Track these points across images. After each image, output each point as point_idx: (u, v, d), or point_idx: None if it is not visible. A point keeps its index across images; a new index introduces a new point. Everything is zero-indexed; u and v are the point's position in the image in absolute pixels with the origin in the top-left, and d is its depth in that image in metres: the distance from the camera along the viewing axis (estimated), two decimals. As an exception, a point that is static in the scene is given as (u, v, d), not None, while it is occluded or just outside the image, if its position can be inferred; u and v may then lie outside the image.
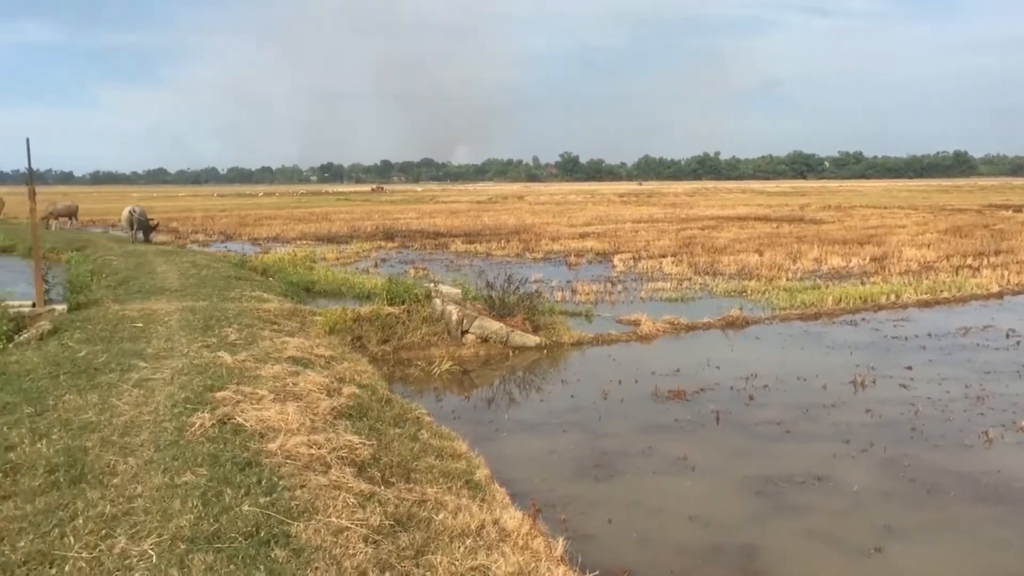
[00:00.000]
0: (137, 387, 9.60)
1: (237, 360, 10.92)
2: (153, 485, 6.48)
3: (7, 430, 7.99)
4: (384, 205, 78.77)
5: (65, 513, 5.94)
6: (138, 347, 12.00)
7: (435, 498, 6.89)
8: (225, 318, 14.43)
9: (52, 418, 8.38)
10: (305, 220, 53.44)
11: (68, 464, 6.93)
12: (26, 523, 5.79)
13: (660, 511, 8.34)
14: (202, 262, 25.42)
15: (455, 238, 38.84)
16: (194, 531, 5.65)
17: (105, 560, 5.27)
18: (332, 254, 32.25)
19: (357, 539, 5.72)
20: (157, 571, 5.12)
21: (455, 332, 16.11)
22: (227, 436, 7.70)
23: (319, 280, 23.37)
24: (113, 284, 20.41)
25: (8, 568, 5.14)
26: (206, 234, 43.68)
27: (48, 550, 5.37)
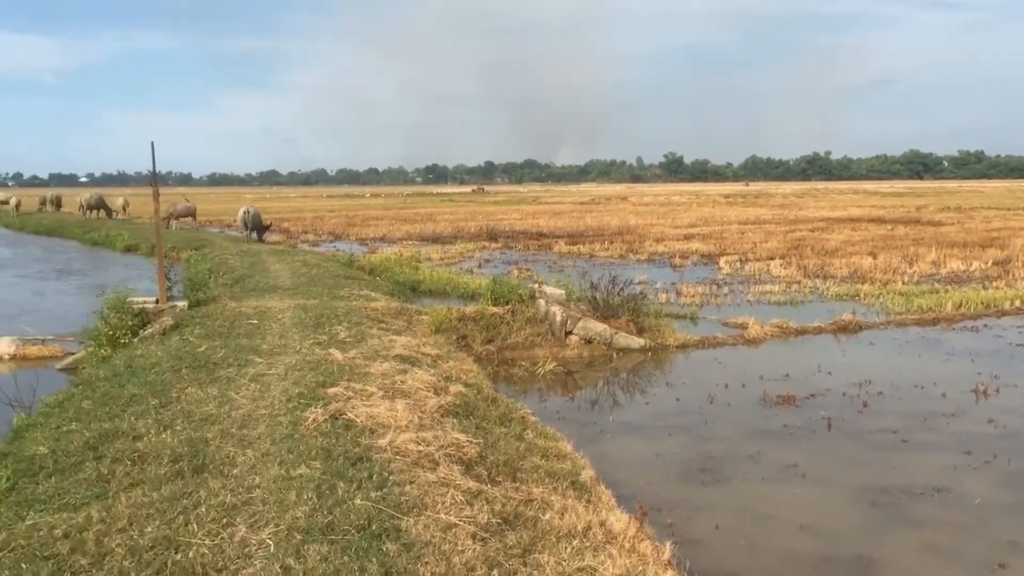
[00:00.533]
0: (253, 382, 9.94)
1: (347, 357, 11.19)
2: (270, 477, 6.70)
3: (134, 420, 8.39)
4: (487, 206, 79.43)
5: (189, 501, 6.21)
6: (254, 343, 12.42)
7: (541, 498, 6.91)
8: (335, 316, 14.80)
9: (175, 410, 8.76)
10: (410, 221, 54.35)
11: (191, 454, 7.23)
12: (153, 510, 6.07)
13: (769, 518, 8.17)
14: (312, 261, 26.13)
15: (558, 239, 38.87)
16: (309, 522, 5.82)
17: (226, 548, 5.48)
18: (437, 254, 32.71)
19: (465, 536, 5.79)
20: (275, 560, 5.29)
21: (559, 333, 16.13)
22: (339, 431, 7.90)
23: (424, 280, 23.75)
24: (230, 282, 21.18)
25: (137, 552, 5.40)
26: (316, 234, 44.86)
27: (173, 536, 5.62)
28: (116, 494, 6.41)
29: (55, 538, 5.65)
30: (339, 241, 40.97)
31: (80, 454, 7.45)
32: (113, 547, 5.48)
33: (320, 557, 5.31)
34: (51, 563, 5.29)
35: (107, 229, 46.40)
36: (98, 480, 6.77)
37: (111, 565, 5.25)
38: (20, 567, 5.25)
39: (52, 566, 5.25)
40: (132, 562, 5.27)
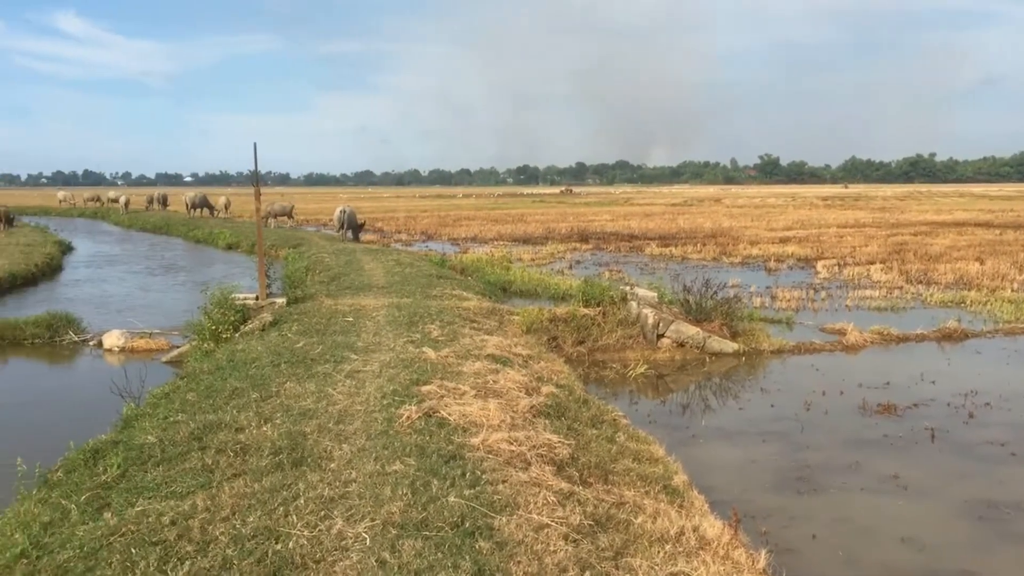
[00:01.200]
0: (349, 378, 10.14)
1: (440, 356, 11.32)
2: (366, 472, 6.83)
3: (236, 413, 8.66)
4: (578, 207, 79.27)
5: (288, 493, 6.37)
6: (349, 340, 12.67)
7: (633, 501, 6.87)
8: (428, 315, 14.98)
9: (275, 403, 9.01)
10: (501, 221, 54.62)
11: (290, 447, 7.43)
12: (254, 500, 6.26)
13: (869, 530, 7.94)
14: (406, 260, 26.51)
15: (650, 241, 38.55)
16: (404, 518, 5.91)
17: (324, 540, 5.61)
18: (528, 255, 32.80)
19: (557, 537, 5.79)
20: (371, 553, 5.39)
21: (650, 335, 15.99)
22: (432, 429, 8.00)
23: (515, 280, 23.84)
24: (326, 280, 21.65)
25: (239, 541, 5.57)
26: (408, 234, 45.49)
27: (274, 527, 5.78)
28: (220, 484, 6.63)
29: (163, 524, 5.87)
30: (431, 241, 41.45)
31: (186, 444, 7.72)
32: (217, 535, 5.66)
33: (415, 552, 5.39)
34: (159, 548, 5.50)
35: (210, 227, 47.96)
36: (203, 470, 7.00)
37: (215, 552, 5.43)
38: (130, 551, 5.48)
39: (160, 551, 5.45)
40: (235, 550, 5.44)
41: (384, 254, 29.47)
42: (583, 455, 7.90)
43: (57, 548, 5.71)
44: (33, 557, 5.60)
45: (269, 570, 5.21)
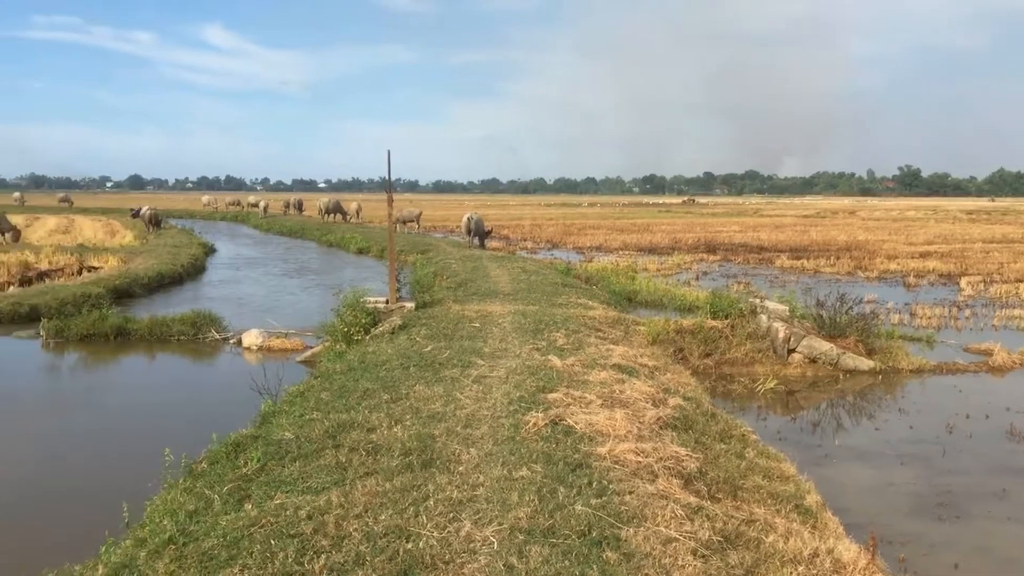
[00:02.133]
0: (476, 383, 10.28)
1: (566, 364, 11.34)
2: (493, 476, 6.90)
3: (368, 413, 8.90)
4: (705, 217, 78.05)
5: (418, 494, 6.50)
6: (476, 345, 12.83)
7: (764, 519, 6.70)
8: (553, 323, 15.03)
9: (405, 406, 9.21)
10: (627, 231, 54.30)
11: (420, 449, 7.57)
12: (386, 499, 6.41)
13: (1016, 562, 7.51)
14: (531, 268, 26.67)
15: (780, 253, 37.58)
16: (531, 524, 5.93)
17: (453, 541, 5.69)
18: (653, 265, 32.50)
19: (685, 551, 5.70)
20: (498, 558, 5.44)
21: (780, 350, 15.58)
22: (558, 436, 8.02)
23: (640, 290, 23.65)
24: (453, 286, 22.01)
25: (372, 538, 5.72)
26: (534, 241, 45.76)
27: (404, 526, 5.90)
28: (353, 482, 6.82)
29: (299, 518, 6.08)
30: (556, 249, 41.58)
31: (320, 442, 7.99)
32: (351, 531, 5.83)
33: (542, 559, 5.41)
34: (296, 541, 5.70)
35: (342, 232, 49.46)
36: (337, 467, 7.22)
37: (348, 548, 5.59)
38: (270, 542, 5.69)
39: (297, 544, 5.65)
40: (368, 547, 5.58)
41: (509, 261, 29.73)
42: (711, 470, 7.76)
43: (202, 536, 5.99)
44: (180, 543, 5.89)
45: (400, 568, 5.32)
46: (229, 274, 32.70)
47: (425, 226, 55.77)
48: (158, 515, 6.74)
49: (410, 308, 17.48)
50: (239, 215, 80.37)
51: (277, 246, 48.23)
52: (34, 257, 29.88)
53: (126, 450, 11.29)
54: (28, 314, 19.78)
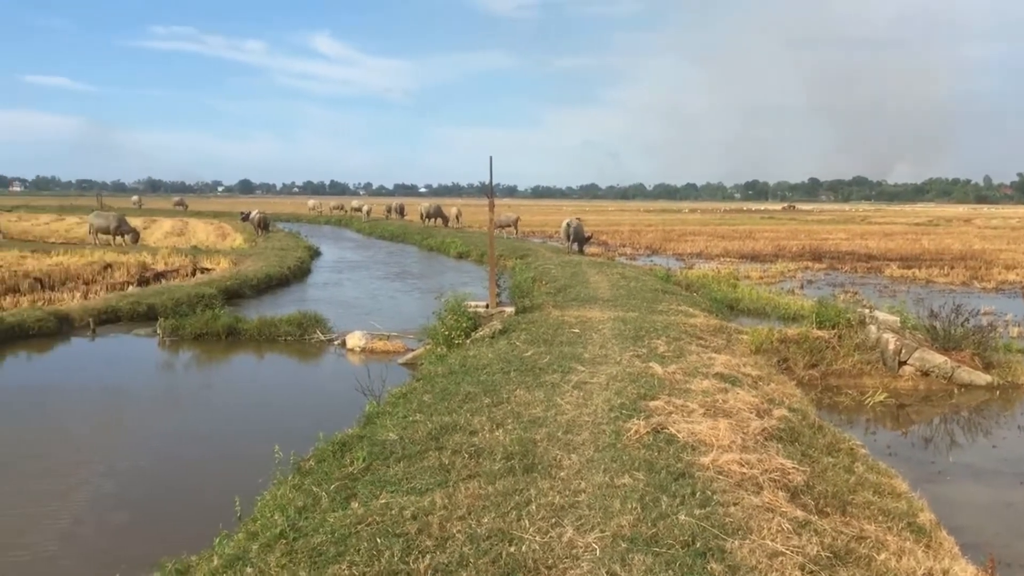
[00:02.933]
0: (577, 389, 10.27)
1: (667, 372, 11.22)
2: (595, 483, 6.88)
3: (470, 416, 8.99)
4: (810, 224, 76.14)
5: (520, 498, 6.53)
6: (576, 351, 12.82)
7: (875, 536, 6.49)
8: (654, 330, 14.90)
9: (506, 410, 9.27)
10: (728, 237, 53.43)
11: (521, 453, 7.61)
12: (488, 502, 6.47)
13: None
14: (630, 274, 26.50)
15: (889, 262, 36.37)
16: (633, 532, 5.90)
17: (555, 546, 5.70)
18: (755, 273, 31.89)
19: (793, 566, 5.57)
20: (601, 565, 5.42)
21: (890, 362, 15.07)
22: (660, 445, 7.94)
23: (743, 298, 23.25)
24: (552, 291, 22.05)
25: (475, 540, 5.78)
26: (633, 248, 45.47)
27: (507, 529, 5.95)
28: (456, 484, 6.90)
29: (404, 518, 6.19)
30: (655, 255, 41.21)
31: (424, 443, 8.11)
32: (454, 532, 5.90)
33: (645, 568, 5.37)
34: (401, 541, 5.80)
35: (442, 236, 50.10)
36: (440, 469, 7.32)
37: (452, 549, 5.66)
38: (376, 540, 5.81)
39: (402, 543, 5.75)
40: (471, 549, 5.64)
41: (609, 267, 29.61)
42: (818, 483, 7.56)
43: (311, 531, 6.16)
44: (291, 538, 6.07)
45: (503, 571, 5.36)
46: (333, 277, 33.50)
47: (524, 231, 56.00)
48: (269, 510, 6.96)
49: (510, 313, 17.58)
50: (343, 219, 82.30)
51: (379, 250, 49.17)
52: (151, 258, 31.21)
53: (236, 445, 11.69)
54: (146, 313, 20.67)
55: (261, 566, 5.68)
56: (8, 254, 32.32)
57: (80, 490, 9.62)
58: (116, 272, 27.32)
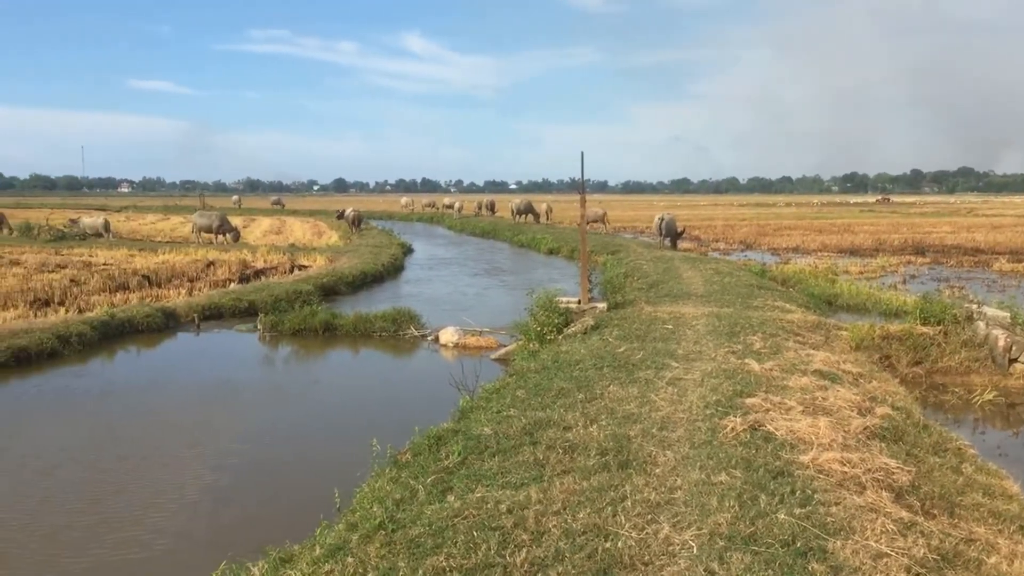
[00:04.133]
0: (671, 385, 10.17)
1: (764, 368, 11.02)
2: (691, 480, 6.81)
3: (563, 412, 9.00)
4: (912, 217, 73.61)
5: (615, 494, 6.51)
6: (669, 347, 12.70)
7: (985, 539, 6.25)
8: (749, 326, 14.64)
9: (600, 406, 9.25)
10: (826, 231, 52.08)
11: (616, 449, 7.59)
12: (583, 497, 6.47)
13: None
14: (724, 269, 26.09)
15: (998, 256, 34.90)
16: (731, 530, 5.82)
17: (651, 543, 5.67)
18: (855, 267, 31.01)
19: (898, 568, 5.41)
20: (698, 562, 5.37)
21: (1000, 360, 14.48)
22: (758, 443, 7.81)
23: (841, 293, 22.63)
24: (644, 287, 21.88)
25: (570, 535, 5.79)
26: (727, 242, 44.75)
27: (602, 525, 5.94)
28: (551, 479, 6.92)
29: (500, 512, 6.24)
30: (750, 250, 40.46)
31: (518, 438, 8.15)
32: (550, 527, 5.92)
33: (743, 566, 5.29)
34: (498, 534, 5.85)
35: (532, 232, 50.19)
36: (534, 464, 7.35)
37: (548, 543, 5.68)
38: (472, 534, 5.88)
39: (499, 537, 5.80)
40: (567, 544, 5.65)
41: (702, 262, 29.22)
42: (924, 484, 7.32)
43: (409, 523, 6.26)
44: (389, 529, 6.19)
45: (599, 567, 5.35)
46: (425, 273, 33.93)
47: (614, 226, 55.69)
48: (367, 502, 7.11)
49: (602, 309, 17.52)
50: (434, 216, 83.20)
51: (470, 246, 49.56)
52: (251, 256, 32.18)
53: (334, 438, 11.95)
54: (247, 309, 21.31)
55: (361, 556, 5.81)
56: (118, 252, 33.77)
57: (191, 481, 9.99)
58: (218, 270, 28.25)
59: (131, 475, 10.18)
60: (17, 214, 56.73)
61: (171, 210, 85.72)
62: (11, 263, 28.82)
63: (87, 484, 9.90)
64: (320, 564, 5.87)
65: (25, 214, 59.05)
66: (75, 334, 17.02)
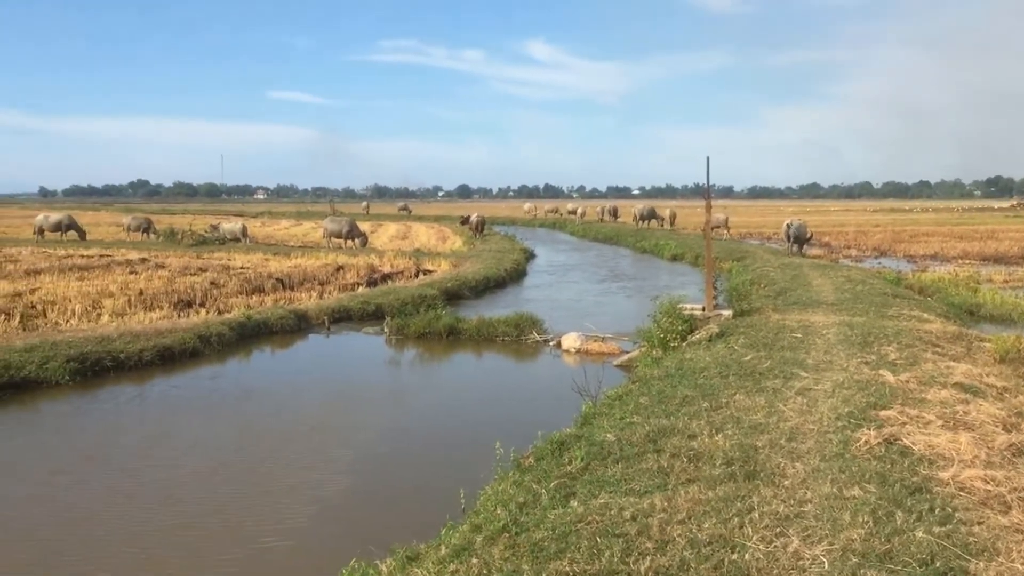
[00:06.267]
0: (800, 395, 9.89)
1: (899, 380, 10.59)
2: (821, 493, 6.61)
3: (688, 420, 8.88)
4: (1063, 223, 69.29)
5: (742, 505, 6.38)
6: (798, 356, 12.36)
7: None
8: (884, 336, 14.10)
9: (725, 414, 9.08)
10: (967, 238, 49.58)
11: (742, 459, 7.43)
12: (709, 507, 6.36)
13: None
14: (856, 277, 25.21)
15: None
16: (864, 546, 5.61)
17: (780, 556, 5.52)
18: (999, 276, 29.43)
19: (1048, 595, 5.11)
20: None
21: None
22: (893, 457, 7.51)
23: (984, 303, 21.54)
24: (771, 294, 21.34)
25: (696, 545, 5.70)
26: (859, 249, 43.21)
27: (729, 536, 5.82)
28: (675, 487, 6.84)
29: (624, 519, 6.20)
30: (884, 257, 38.95)
31: (641, 445, 8.09)
32: (674, 536, 5.85)
33: (878, 585, 5.10)
34: (621, 541, 5.82)
35: (656, 238, 49.68)
36: (658, 472, 7.28)
37: (673, 553, 5.61)
38: (596, 540, 5.87)
39: (622, 544, 5.77)
40: (692, 554, 5.57)
41: (832, 270, 28.31)
42: (1078, 506, 6.87)
43: (532, 527, 6.30)
44: (513, 532, 6.24)
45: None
46: (547, 278, 34.04)
47: (740, 232, 54.55)
48: (491, 504, 7.19)
49: (727, 316, 17.20)
50: (556, 222, 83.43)
51: (592, 252, 49.46)
52: (378, 260, 33.01)
53: (457, 440, 12.12)
54: (374, 312, 21.87)
55: (486, 558, 5.87)
56: (254, 257, 35.22)
57: (322, 478, 10.32)
58: (347, 274, 29.09)
59: (266, 474, 10.58)
60: (163, 219, 59.96)
61: (303, 216, 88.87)
62: (156, 266, 30.45)
63: (224, 481, 10.36)
64: (445, 564, 5.96)
65: (170, 219, 62.37)
66: (215, 334, 17.86)
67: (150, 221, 48.93)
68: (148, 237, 46.48)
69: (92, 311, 19.97)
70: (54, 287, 23.75)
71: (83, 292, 22.63)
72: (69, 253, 35.88)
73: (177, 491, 9.82)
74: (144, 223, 48.07)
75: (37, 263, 31.04)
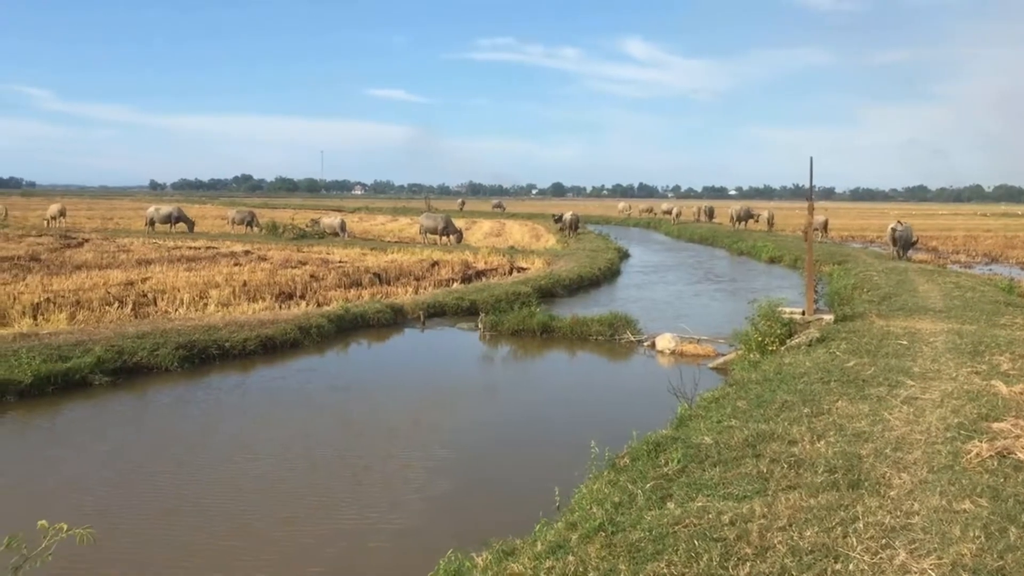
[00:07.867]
0: (906, 404, 9.58)
1: (1013, 391, 10.14)
2: (930, 506, 6.39)
3: (788, 426, 8.70)
4: None
5: (846, 514, 6.22)
6: (903, 364, 11.98)
7: None
8: (995, 345, 13.53)
9: (827, 421, 8.86)
10: (1085, 244, 47.20)
11: (845, 468, 7.24)
12: (810, 515, 6.22)
13: None
14: (966, 284, 24.25)
15: None
16: (976, 562, 5.40)
17: (886, 568, 5.36)
18: (1124, 284, 27.90)
19: None
20: (939, 594, 5.03)
21: None
22: (1007, 471, 7.21)
23: (1108, 313, 20.41)
24: (875, 299, 20.72)
25: (797, 553, 5.58)
26: (968, 254, 41.60)
27: (832, 545, 5.68)
28: (775, 493, 6.71)
29: (722, 523, 6.12)
30: (995, 263, 37.41)
31: (740, 449, 7.96)
32: (775, 543, 5.74)
33: (991, 603, 4.91)
34: (720, 545, 5.74)
35: (753, 240, 48.79)
36: (758, 477, 7.16)
37: (773, 560, 5.50)
38: (693, 543, 5.80)
39: (721, 548, 5.69)
40: (793, 561, 5.45)
41: (939, 275, 27.30)
42: None
43: (628, 527, 6.27)
44: (609, 532, 6.22)
45: (828, 588, 5.14)
46: (642, 279, 33.77)
47: (841, 235, 53.14)
48: (586, 502, 7.18)
49: (828, 320, 16.77)
50: (651, 222, 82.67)
51: (687, 253, 48.85)
52: (473, 257, 33.30)
53: (550, 437, 12.15)
54: (468, 308, 22.08)
55: (582, 556, 5.87)
56: (352, 251, 35.98)
57: (418, 473, 10.47)
58: (442, 269, 29.44)
59: (365, 468, 10.78)
60: (265, 213, 61.80)
61: (399, 211, 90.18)
62: (259, 259, 31.37)
63: (325, 475, 10.61)
64: (541, 560, 5.98)
65: (272, 214, 64.23)
66: (314, 326, 18.30)
67: (253, 214, 50.49)
68: (251, 230, 47.94)
69: (199, 301, 20.72)
70: (164, 277, 24.74)
71: (191, 282, 23.51)
72: (177, 244, 37.32)
73: (279, 484, 10.07)
74: (248, 216, 49.65)
75: (148, 254, 32.40)
